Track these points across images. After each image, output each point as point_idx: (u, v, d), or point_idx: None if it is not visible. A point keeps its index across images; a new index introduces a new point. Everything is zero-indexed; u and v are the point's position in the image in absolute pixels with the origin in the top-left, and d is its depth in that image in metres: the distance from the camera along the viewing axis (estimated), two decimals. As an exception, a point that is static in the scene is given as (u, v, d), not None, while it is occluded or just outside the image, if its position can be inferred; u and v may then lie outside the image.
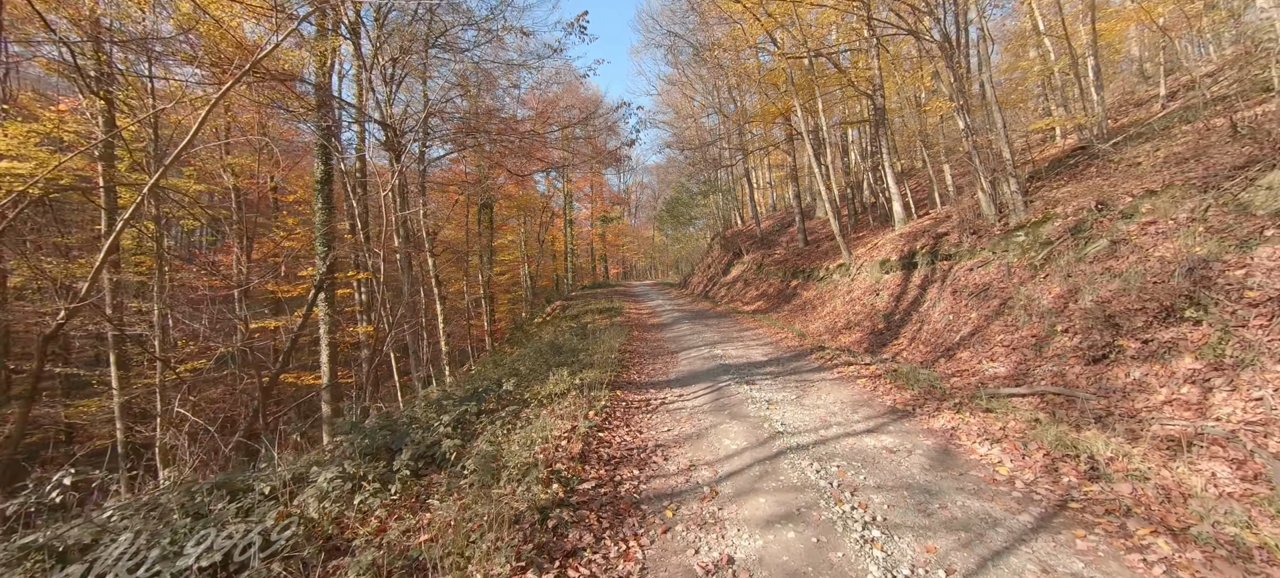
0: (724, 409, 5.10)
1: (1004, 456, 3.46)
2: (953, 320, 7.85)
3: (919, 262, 10.05)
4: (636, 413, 5.15)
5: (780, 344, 9.12)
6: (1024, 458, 3.39)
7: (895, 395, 5.09)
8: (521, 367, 7.73)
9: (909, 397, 4.99)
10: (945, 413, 4.40)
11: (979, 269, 8.30)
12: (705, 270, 29.26)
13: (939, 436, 3.96)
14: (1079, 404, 4.63)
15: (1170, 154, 7.79)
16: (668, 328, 12.90)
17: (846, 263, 13.11)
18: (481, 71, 15.90)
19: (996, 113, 8.20)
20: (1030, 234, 7.73)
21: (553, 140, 18.76)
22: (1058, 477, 3.11)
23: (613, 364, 7.42)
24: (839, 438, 4.04)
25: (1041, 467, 3.23)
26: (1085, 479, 3.02)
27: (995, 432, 3.88)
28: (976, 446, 3.68)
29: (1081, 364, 5.14)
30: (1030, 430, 3.83)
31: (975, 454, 3.56)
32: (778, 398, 5.35)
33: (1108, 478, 2.97)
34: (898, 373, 5.89)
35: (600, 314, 16.53)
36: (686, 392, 6.04)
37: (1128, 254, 5.84)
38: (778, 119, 18.56)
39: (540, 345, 9.91)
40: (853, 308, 11.07)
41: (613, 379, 6.54)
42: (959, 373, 6.40)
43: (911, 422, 4.34)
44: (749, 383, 6.10)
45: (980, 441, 3.75)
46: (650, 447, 4.12)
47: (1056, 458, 3.32)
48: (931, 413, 4.46)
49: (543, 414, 4.98)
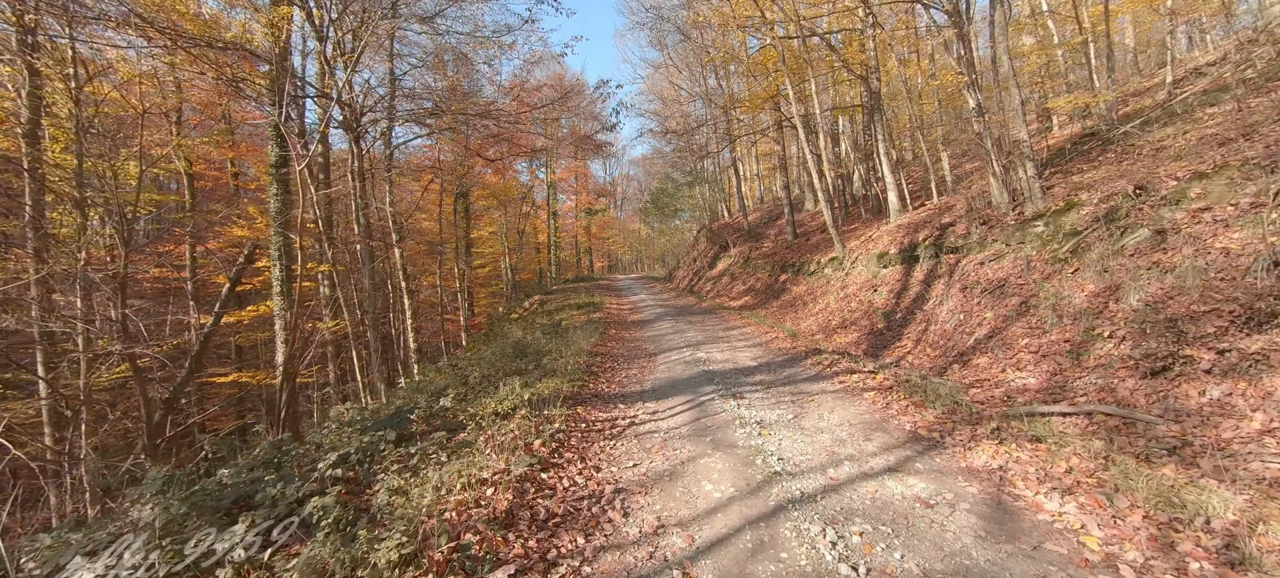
0: (706, 433, 4.12)
1: (1084, 515, 2.53)
2: (964, 320, 6.98)
3: (921, 255, 9.18)
4: (597, 439, 4.15)
5: (770, 346, 8.18)
6: (1115, 521, 2.45)
7: (914, 416, 4.16)
8: (475, 372, 6.68)
9: (932, 418, 4.06)
10: (984, 444, 3.48)
11: (992, 263, 7.44)
12: (691, 264, 28.33)
13: (984, 479, 3.02)
14: (1143, 430, 3.74)
15: (1204, 136, 6.98)
16: (648, 326, 11.91)
17: (840, 256, 12.24)
18: (452, 50, 14.68)
19: (1013, 88, 7.31)
20: (1050, 224, 6.87)
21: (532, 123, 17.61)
22: (1177, 555, 2.18)
23: (579, 371, 6.41)
24: (854, 482, 3.08)
25: (1147, 538, 2.30)
26: (1222, 564, 2.09)
27: (1058, 474, 2.95)
28: (1040, 497, 2.75)
29: (1135, 378, 4.26)
30: (1103, 471, 2.92)
31: (1042, 511, 2.62)
32: (771, 418, 4.38)
33: (1259, 568, 2.05)
34: (912, 385, 4.97)
35: (578, 310, 15.49)
36: (662, 407, 5.05)
37: (1180, 245, 4.97)
38: (767, 104, 17.61)
39: (504, 347, 8.85)
40: (848, 305, 10.19)
41: (575, 392, 5.53)
42: (979, 383, 5.51)
43: (943, 456, 3.40)
44: (736, 396, 5.13)
45: (1043, 488, 2.82)
46: (607, 494, 3.12)
47: (1162, 522, 2.40)
48: (966, 443, 3.53)
49: (480, 439, 3.96)
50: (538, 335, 9.65)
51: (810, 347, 7.63)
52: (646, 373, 6.74)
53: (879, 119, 12.96)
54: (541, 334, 9.79)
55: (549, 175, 33.97)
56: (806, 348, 7.55)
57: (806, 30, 13.26)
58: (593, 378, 6.33)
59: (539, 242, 35.77)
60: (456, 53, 14.75)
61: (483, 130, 15.41)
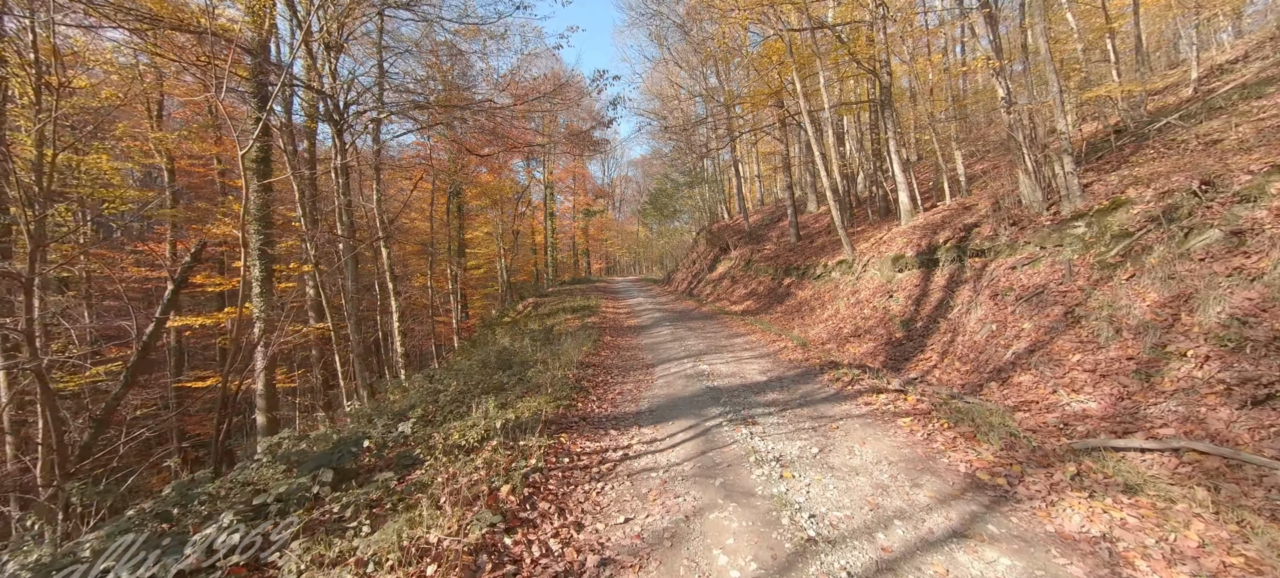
0: (714, 473, 3.38)
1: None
2: (997, 331, 6.26)
3: (942, 258, 8.47)
4: (582, 479, 3.41)
5: (780, 356, 7.46)
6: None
7: (966, 453, 3.43)
8: (452, 386, 5.92)
9: (990, 457, 3.33)
10: (1068, 496, 2.75)
11: (1025, 267, 6.73)
12: (690, 266, 27.61)
13: (1087, 554, 2.29)
14: (1255, 475, 3.02)
15: (1263, 127, 6.29)
16: (646, 331, 11.18)
17: (849, 260, 11.52)
18: (447, 46, 13.93)
19: (1051, 74, 6.60)
20: (1094, 224, 6.17)
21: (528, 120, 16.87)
22: None
23: (567, 387, 5.66)
24: (914, 555, 2.34)
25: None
26: None
27: (1189, 550, 2.23)
28: (1176, 587, 2.02)
29: (1230, 407, 3.54)
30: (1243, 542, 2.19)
31: (1187, 613, 1.89)
32: (792, 453, 3.65)
33: None
34: (955, 411, 4.24)
35: (572, 314, 14.74)
36: (661, 435, 4.31)
37: (1265, 248, 4.26)
38: (770, 100, 16.91)
39: (486, 356, 8.10)
40: (860, 311, 9.47)
41: (560, 414, 4.79)
42: (1025, 405, 4.79)
43: (1018, 512, 2.67)
44: (747, 422, 4.40)
45: (1175, 572, 2.09)
46: (589, 569, 2.38)
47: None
48: (1044, 495, 2.80)
49: (439, 478, 3.21)
50: (526, 343, 8.90)
51: (825, 359, 6.90)
52: (643, 388, 6.00)
53: (889, 115, 12.27)
54: (530, 342, 9.04)
55: (546, 175, 33.24)
56: (821, 360, 6.82)
57: (815, 22, 12.57)
58: (582, 396, 5.58)
59: (536, 243, 35.03)
60: (450, 47, 14.00)
61: (476, 126, 14.69)
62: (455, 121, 14.07)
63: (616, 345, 9.55)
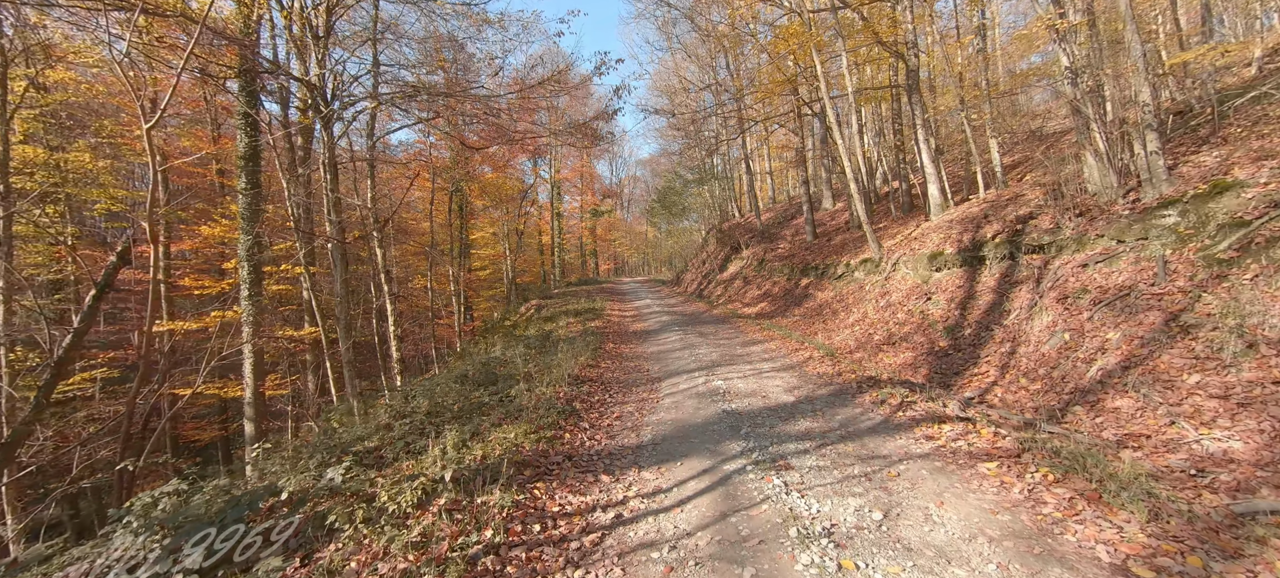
0: (741, 556, 2.41)
1: None
2: (1073, 343, 5.20)
3: (989, 255, 7.41)
4: (554, 564, 2.44)
5: (806, 369, 6.45)
6: None
7: (1099, 527, 2.43)
8: (422, 405, 4.99)
9: (1142, 539, 2.33)
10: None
11: (1101, 265, 5.66)
12: (699, 267, 26.58)
13: None
14: None
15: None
16: (652, 338, 10.20)
17: (875, 258, 10.46)
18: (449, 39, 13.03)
19: (1133, 32, 5.52)
20: (1191, 213, 5.10)
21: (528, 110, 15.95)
22: None
23: (554, 410, 4.70)
24: None
25: None
26: None
27: None
28: None
29: None
30: None
31: None
32: (846, 520, 2.66)
33: None
34: (1055, 452, 3.22)
35: (575, 317, 13.82)
36: (666, 482, 3.34)
37: None
38: (785, 89, 15.85)
39: (472, 366, 7.18)
40: (893, 316, 8.42)
41: (540, 451, 3.83)
42: (1132, 440, 3.74)
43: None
44: (779, 466, 3.42)
45: None
46: None
47: None
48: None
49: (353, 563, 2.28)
50: (519, 351, 7.96)
51: (860, 373, 5.88)
52: (646, 412, 5.02)
53: (917, 101, 11.20)
54: (524, 349, 8.10)
55: (553, 173, 32.39)
56: (855, 375, 5.81)
57: (838, 1, 11.52)
58: (571, 422, 4.62)
59: (542, 243, 34.18)
60: (452, 40, 13.09)
61: (476, 119, 13.83)
62: (456, 115, 13.22)
63: (619, 354, 8.58)
